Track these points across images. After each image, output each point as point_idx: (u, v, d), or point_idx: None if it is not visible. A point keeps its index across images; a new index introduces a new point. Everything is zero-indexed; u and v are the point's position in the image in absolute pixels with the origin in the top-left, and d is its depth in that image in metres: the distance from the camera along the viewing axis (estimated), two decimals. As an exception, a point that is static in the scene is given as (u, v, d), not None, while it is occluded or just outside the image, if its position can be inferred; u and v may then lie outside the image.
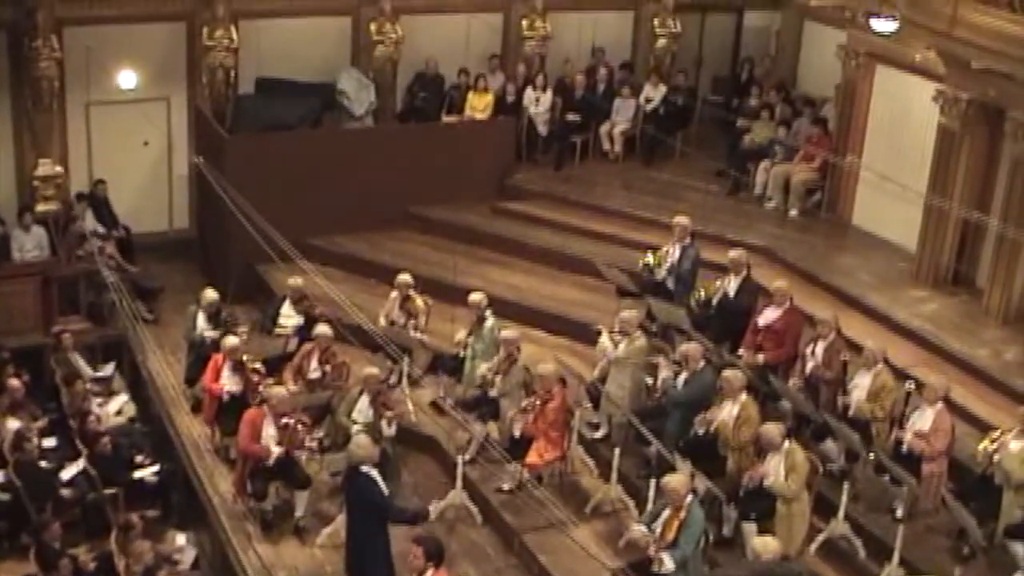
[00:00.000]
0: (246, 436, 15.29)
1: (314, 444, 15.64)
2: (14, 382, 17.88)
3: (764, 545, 12.42)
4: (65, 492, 16.58)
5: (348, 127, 23.12)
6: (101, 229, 21.30)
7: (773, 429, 14.25)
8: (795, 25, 25.33)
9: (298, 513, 15.52)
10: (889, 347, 16.47)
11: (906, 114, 20.75)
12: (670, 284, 18.26)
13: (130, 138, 22.33)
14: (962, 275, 19.62)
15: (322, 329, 17.04)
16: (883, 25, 19.31)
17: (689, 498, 13.23)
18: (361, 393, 15.91)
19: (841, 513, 14.58)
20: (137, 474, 16.90)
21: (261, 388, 16.23)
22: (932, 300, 19.24)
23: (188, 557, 15.56)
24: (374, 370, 16.25)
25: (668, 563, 12.91)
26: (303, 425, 15.45)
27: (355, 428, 15.37)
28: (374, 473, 13.36)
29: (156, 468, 16.95)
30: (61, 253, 20.51)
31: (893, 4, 18.76)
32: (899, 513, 14.51)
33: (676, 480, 13.36)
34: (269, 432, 15.22)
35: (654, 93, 24.55)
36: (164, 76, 22.47)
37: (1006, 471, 13.97)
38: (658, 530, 13.21)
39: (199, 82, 22.48)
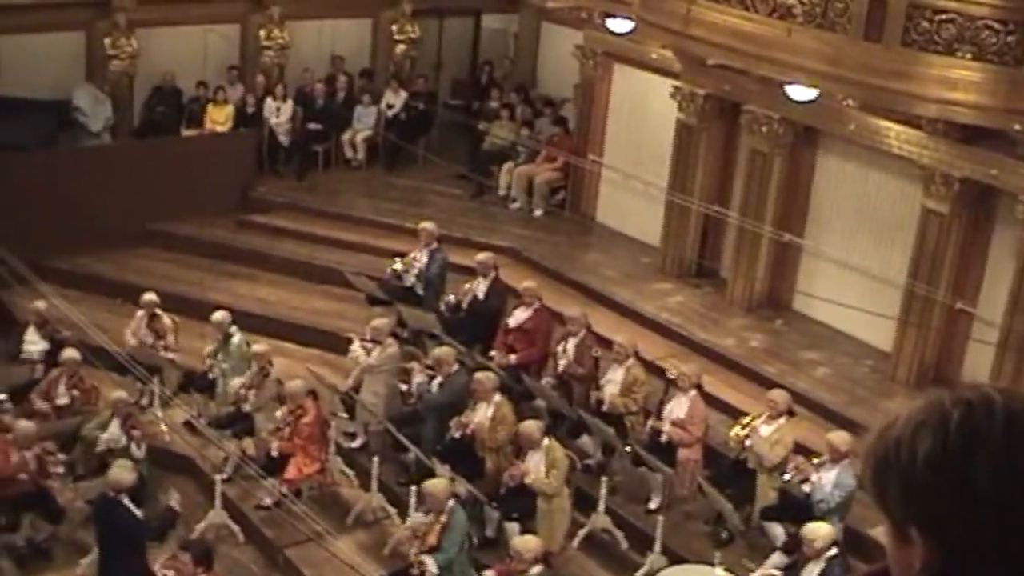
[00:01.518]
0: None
1: (60, 468, 15.26)
2: None
3: (524, 543, 12.54)
4: None
5: (85, 144, 22.58)
6: None
7: (533, 426, 14.37)
8: (533, 27, 25.61)
9: (39, 537, 15.12)
10: (639, 340, 16.75)
11: (645, 111, 21.13)
12: (419, 290, 18.32)
13: None
14: (705, 267, 20.04)
15: (69, 353, 16.59)
16: (619, 25, 19.63)
17: (450, 502, 13.25)
18: (112, 417, 15.56)
19: (601, 506, 14.77)
20: None
21: (4, 417, 15.80)
22: (677, 293, 19.61)
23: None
24: (123, 393, 15.94)
25: (431, 567, 12.91)
26: (49, 454, 15.05)
27: (103, 438, 15.07)
28: (126, 500, 13.13)
29: None
30: None
31: (628, 4, 19.06)
32: (653, 504, 14.83)
33: (435, 485, 13.39)
34: (13, 462, 14.80)
35: (395, 99, 24.55)
36: None
37: (758, 455, 14.32)
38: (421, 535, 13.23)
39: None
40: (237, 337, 17.19)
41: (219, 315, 17.34)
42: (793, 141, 18.42)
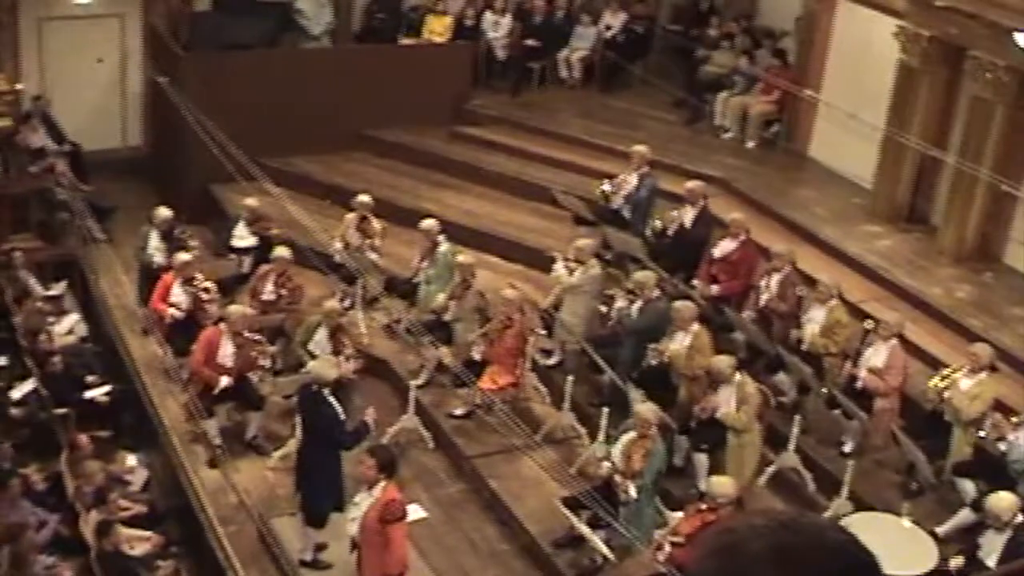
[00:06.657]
0: (200, 357, 15.26)
1: (266, 363, 15.62)
2: (-37, 299, 17.79)
3: (721, 486, 12.55)
4: (15, 411, 16.45)
5: (305, 47, 22.90)
6: (53, 145, 21.04)
7: (724, 361, 14.30)
8: (757, -44, 25.19)
9: (250, 434, 15.54)
10: (843, 281, 16.53)
11: (866, 49, 20.63)
12: (626, 213, 18.25)
13: (83, 54, 21.95)
14: (917, 212, 19.59)
15: (281, 251, 16.96)
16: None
17: (654, 428, 13.30)
18: (319, 324, 15.82)
19: (791, 445, 14.65)
20: (88, 394, 16.75)
21: (210, 307, 16.23)
22: (887, 236, 19.20)
23: (139, 478, 15.49)
24: (335, 303, 16.22)
25: (632, 492, 12.99)
26: (257, 344, 15.43)
27: (310, 364, 15.31)
28: (328, 395, 13.35)
29: (107, 388, 16.77)
30: (12, 170, 20.20)
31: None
32: (847, 448, 14.69)
33: (647, 409, 13.47)
34: (227, 351, 15.17)
35: (614, 20, 24.38)
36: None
37: (956, 408, 14.05)
38: (619, 458, 13.27)
39: (155, -1, 22.21)
40: (444, 246, 17.36)
41: (428, 223, 17.54)
42: (1018, 91, 17.86)
